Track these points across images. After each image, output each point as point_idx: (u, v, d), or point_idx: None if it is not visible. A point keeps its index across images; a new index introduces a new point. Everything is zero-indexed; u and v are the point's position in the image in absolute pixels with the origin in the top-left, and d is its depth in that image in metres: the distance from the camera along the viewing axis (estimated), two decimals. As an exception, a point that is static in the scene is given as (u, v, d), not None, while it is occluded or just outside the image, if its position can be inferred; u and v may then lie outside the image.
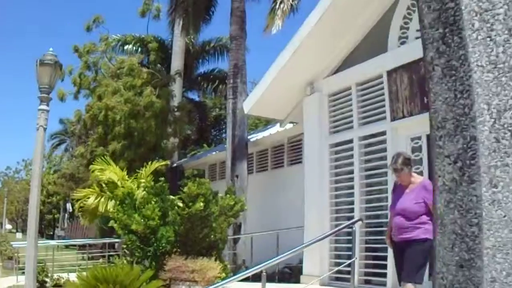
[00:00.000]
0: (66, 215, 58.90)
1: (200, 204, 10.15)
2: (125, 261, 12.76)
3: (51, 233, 51.79)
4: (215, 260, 10.38)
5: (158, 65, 25.91)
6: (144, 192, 11.27)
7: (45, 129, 9.64)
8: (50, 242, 18.54)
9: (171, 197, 11.07)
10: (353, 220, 9.17)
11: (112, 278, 8.37)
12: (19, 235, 55.33)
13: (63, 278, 14.19)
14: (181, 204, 10.74)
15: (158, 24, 32.03)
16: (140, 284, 8.62)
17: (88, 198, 14.58)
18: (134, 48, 29.39)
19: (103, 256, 18.88)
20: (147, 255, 10.44)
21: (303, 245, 9.43)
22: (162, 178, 11.14)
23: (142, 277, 8.73)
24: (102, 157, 15.44)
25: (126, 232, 10.39)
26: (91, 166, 16.04)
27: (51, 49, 9.77)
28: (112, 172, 14.25)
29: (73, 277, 14.17)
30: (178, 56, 27.02)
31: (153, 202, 10.45)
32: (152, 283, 8.87)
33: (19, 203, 72.15)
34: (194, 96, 34.47)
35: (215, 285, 8.07)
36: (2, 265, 21.31)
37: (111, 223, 10.64)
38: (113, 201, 13.14)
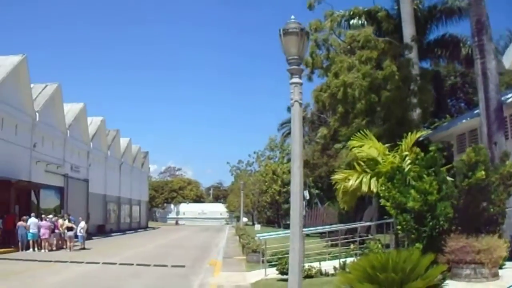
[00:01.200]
0: (304, 202, 60.19)
1: (481, 173, 9.04)
2: (379, 245, 11.81)
3: (289, 222, 53.01)
4: (499, 237, 9.28)
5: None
6: (410, 166, 10.16)
7: (300, 104, 8.86)
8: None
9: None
10: None
11: (391, 266, 7.62)
12: (257, 226, 57.39)
13: (314, 268, 13.65)
14: (448, 178, 9.70)
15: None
16: (422, 270, 7.69)
17: (348, 180, 13.66)
18: (360, 21, 28.57)
19: (351, 242, 18.17)
20: (422, 236, 9.35)
21: None
22: (433, 147, 9.93)
23: (423, 262, 7.79)
24: (362, 131, 14.37)
25: (399, 211, 9.38)
26: (349, 142, 15.14)
27: (292, 16, 8.92)
28: (371, 148, 13.21)
29: (324, 266, 13.68)
30: (408, 23, 25.82)
31: (425, 176, 9.31)
32: (435, 268, 7.88)
33: (254, 195, 75.21)
34: (426, 65, 32.27)
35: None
36: (246, 258, 21.17)
37: (383, 202, 9.69)
38: (375, 179, 12.14)
